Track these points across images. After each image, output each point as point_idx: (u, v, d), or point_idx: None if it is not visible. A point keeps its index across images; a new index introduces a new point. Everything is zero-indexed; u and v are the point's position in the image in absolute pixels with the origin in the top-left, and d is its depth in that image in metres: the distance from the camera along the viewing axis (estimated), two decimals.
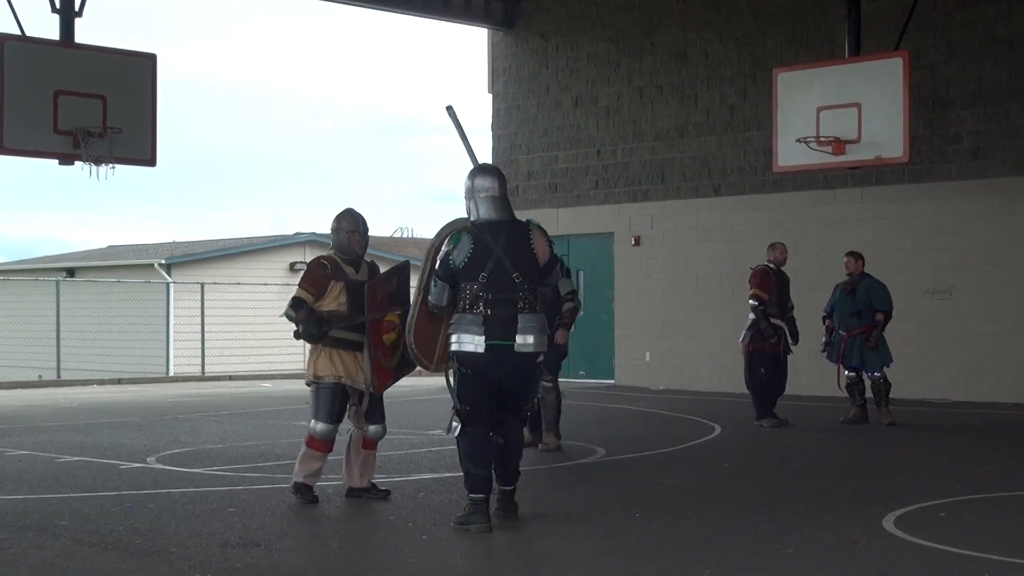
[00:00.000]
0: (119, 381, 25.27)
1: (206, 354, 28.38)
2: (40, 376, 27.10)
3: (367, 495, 9.19)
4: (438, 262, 8.14)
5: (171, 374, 28.72)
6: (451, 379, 8.15)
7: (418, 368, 8.90)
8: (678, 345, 20.89)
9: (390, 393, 9.35)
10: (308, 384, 9.26)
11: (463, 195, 8.38)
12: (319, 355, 9.12)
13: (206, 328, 28.72)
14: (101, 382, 24.96)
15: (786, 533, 7.86)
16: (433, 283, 8.16)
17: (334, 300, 9.08)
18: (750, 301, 14.59)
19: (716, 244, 20.71)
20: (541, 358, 8.24)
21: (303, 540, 7.68)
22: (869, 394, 14.83)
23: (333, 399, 9.06)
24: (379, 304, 9.04)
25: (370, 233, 9.44)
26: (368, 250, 9.45)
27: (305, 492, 9.08)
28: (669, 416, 16.18)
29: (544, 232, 8.34)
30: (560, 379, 12.64)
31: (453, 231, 8.20)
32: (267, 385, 24.44)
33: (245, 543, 7.57)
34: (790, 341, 14.71)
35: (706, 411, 16.13)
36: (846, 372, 14.87)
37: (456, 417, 8.05)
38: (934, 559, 7.14)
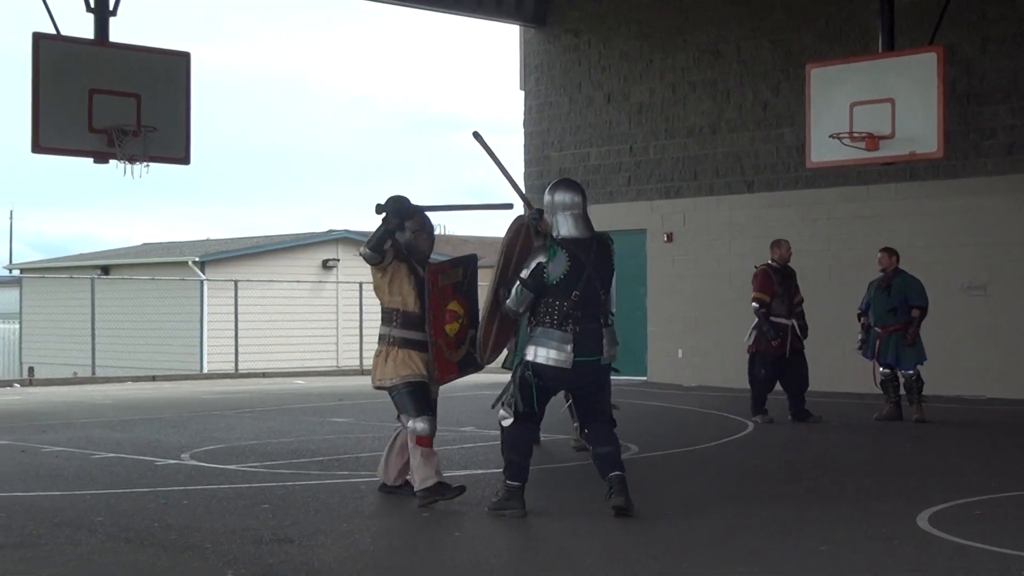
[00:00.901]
0: (154, 378, 25.39)
1: (240, 351, 28.49)
2: (75, 373, 27.29)
3: (400, 492, 9.19)
4: (528, 272, 8.15)
5: (205, 371, 28.84)
6: (516, 381, 8.28)
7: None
8: (711, 342, 20.83)
9: None
10: (378, 387, 8.98)
11: (546, 207, 8.36)
12: (390, 357, 8.85)
13: (240, 325, 28.83)
14: (136, 379, 25.08)
15: (820, 530, 7.84)
16: (519, 291, 8.19)
17: (399, 290, 8.82)
18: (752, 304, 14.69)
19: (749, 240, 20.64)
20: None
21: (337, 536, 7.70)
22: (903, 391, 14.76)
23: (419, 393, 8.80)
24: (442, 291, 8.92)
25: None
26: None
27: (445, 489, 8.75)
28: (702, 413, 16.15)
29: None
30: None
31: (548, 246, 8.19)
32: (300, 382, 24.50)
33: (279, 539, 7.60)
34: (800, 336, 14.73)
35: (739, 408, 16.08)
36: (881, 369, 14.80)
37: (508, 410, 8.26)
38: (969, 557, 7.11)
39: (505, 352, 9.37)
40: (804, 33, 20.20)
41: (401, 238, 8.90)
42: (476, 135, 9.27)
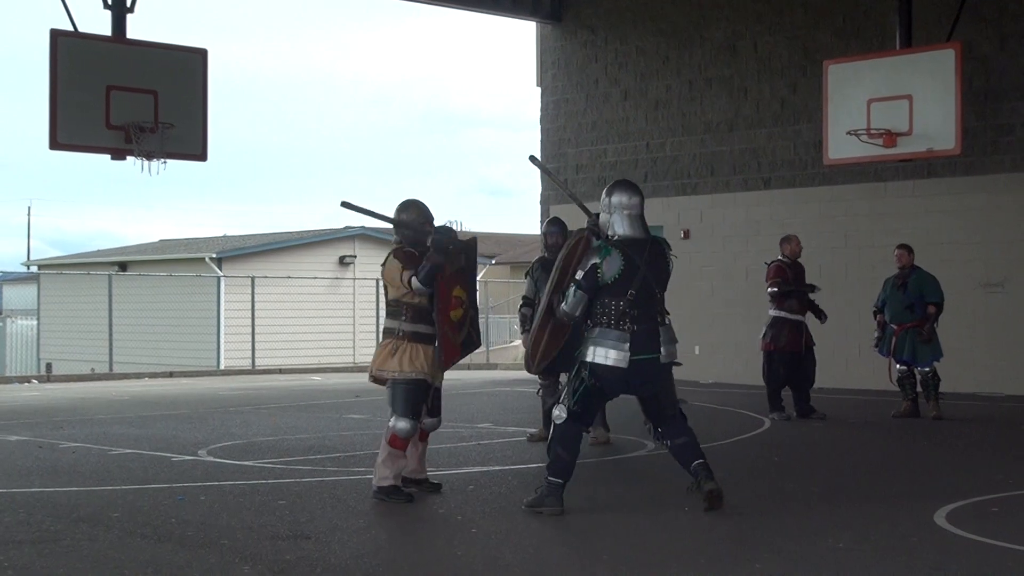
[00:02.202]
0: (171, 374, 25.46)
1: (256, 347, 28.55)
2: (93, 369, 27.37)
3: (418, 488, 9.20)
4: (582, 273, 8.21)
5: (222, 367, 28.90)
6: (573, 381, 8.33)
7: (467, 360, 8.97)
8: (728, 339, 20.80)
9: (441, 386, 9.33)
10: (375, 380, 9.08)
11: (603, 207, 8.41)
12: (399, 351, 8.88)
13: (256, 321, 28.88)
14: (153, 375, 25.15)
15: (837, 528, 7.82)
16: (573, 293, 8.23)
17: (414, 294, 8.88)
18: (770, 290, 14.63)
19: (766, 237, 20.57)
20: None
21: (353, 533, 7.71)
22: (920, 388, 14.73)
23: (416, 395, 8.85)
24: (448, 278, 8.95)
25: None
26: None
27: (398, 493, 8.81)
28: (719, 410, 16.13)
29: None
30: None
31: (601, 246, 8.25)
32: (316, 378, 24.54)
33: (295, 536, 7.62)
34: (819, 320, 14.73)
35: (756, 405, 16.05)
36: (897, 366, 14.77)
37: (563, 408, 8.29)
38: (987, 554, 7.09)
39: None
40: (822, 29, 20.16)
41: (405, 233, 9.06)
42: (532, 159, 9.62)
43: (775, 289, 14.60)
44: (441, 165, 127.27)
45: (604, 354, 8.19)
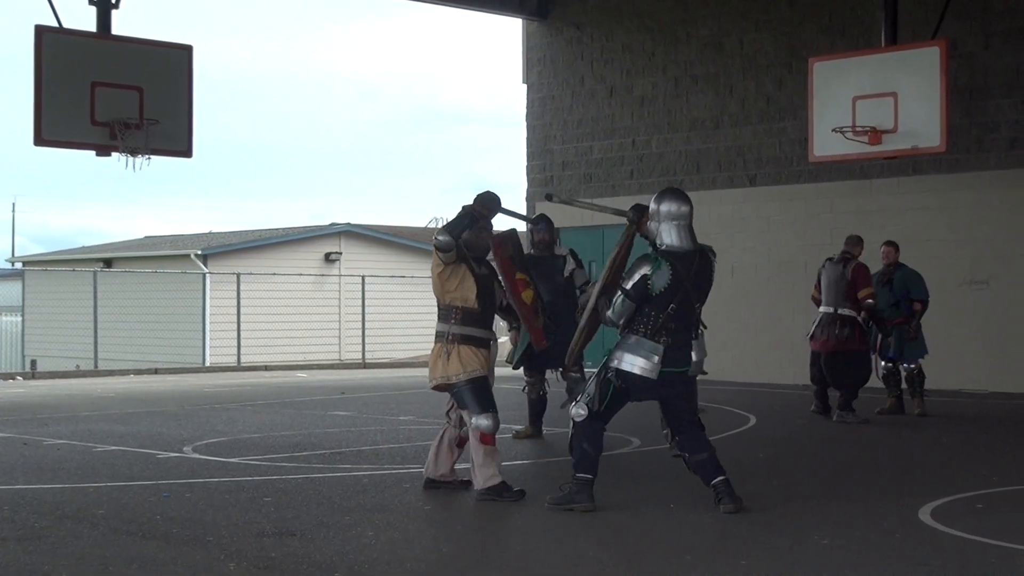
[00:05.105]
0: (156, 371, 25.41)
1: (242, 344, 28.51)
2: (78, 366, 27.30)
3: (445, 487, 9.16)
4: (632, 284, 8.16)
5: (207, 364, 28.85)
6: (600, 383, 8.29)
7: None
8: (713, 336, 20.60)
9: (428, 384, 9.29)
10: (438, 389, 8.96)
11: (652, 215, 8.38)
12: (451, 355, 8.82)
13: (242, 318, 28.85)
14: (138, 372, 25.10)
15: (822, 524, 7.84)
16: (621, 302, 8.21)
17: (459, 287, 8.81)
18: (868, 302, 14.09)
19: (751, 235, 20.63)
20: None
21: (338, 530, 7.71)
22: (905, 385, 14.75)
23: (483, 390, 8.81)
24: (504, 265, 8.98)
25: (406, 224, 9.36)
26: (406, 242, 9.36)
27: (508, 491, 8.72)
28: (705, 406, 16.12)
29: None
30: (595, 369, 12.64)
31: (652, 257, 8.22)
32: (302, 375, 24.52)
33: (281, 532, 7.61)
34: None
35: (741, 402, 16.08)
36: (883, 363, 14.79)
37: (584, 407, 8.25)
38: (971, 550, 7.11)
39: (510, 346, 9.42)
40: (807, 27, 20.18)
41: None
42: (549, 196, 9.83)
43: (872, 302, 14.08)
44: (429, 161, 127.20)
45: (634, 363, 8.18)
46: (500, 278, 9.10)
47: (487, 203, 8.88)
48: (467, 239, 8.89)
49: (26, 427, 13.81)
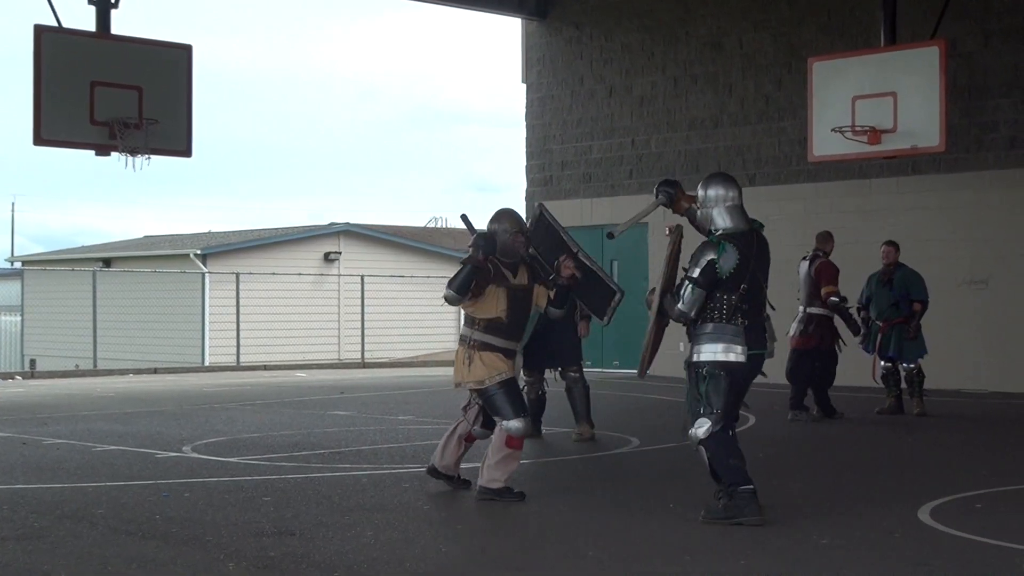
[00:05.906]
0: (155, 371, 25.40)
1: (241, 344, 28.50)
2: (77, 366, 27.29)
3: (449, 483, 9.17)
4: (699, 270, 7.98)
5: (207, 363, 28.84)
6: (700, 386, 8.00)
7: (449, 357, 8.91)
8: None
9: (427, 383, 9.31)
10: (476, 389, 8.85)
11: (701, 202, 8.26)
12: (473, 361, 8.77)
13: (241, 318, 28.83)
14: (137, 371, 25.09)
15: (821, 523, 7.84)
16: (691, 291, 8.00)
17: (494, 307, 8.78)
18: (832, 300, 14.14)
19: None
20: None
21: (338, 529, 7.70)
22: (904, 385, 14.75)
23: (512, 393, 8.75)
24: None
25: (404, 224, 9.33)
26: (406, 241, 9.31)
27: (510, 493, 8.71)
28: None
29: None
30: (594, 369, 12.66)
31: (717, 242, 8.06)
32: (301, 375, 24.51)
33: (280, 532, 7.61)
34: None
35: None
36: (882, 363, 14.79)
37: (703, 420, 7.91)
38: (970, 550, 7.11)
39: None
40: (806, 26, 20.18)
41: (497, 239, 8.84)
42: (610, 235, 9.79)
43: (836, 299, 14.12)
44: (429, 161, 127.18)
45: (728, 349, 7.92)
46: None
47: (487, 248, 8.69)
48: (502, 244, 8.84)
49: (25, 427, 13.80)
